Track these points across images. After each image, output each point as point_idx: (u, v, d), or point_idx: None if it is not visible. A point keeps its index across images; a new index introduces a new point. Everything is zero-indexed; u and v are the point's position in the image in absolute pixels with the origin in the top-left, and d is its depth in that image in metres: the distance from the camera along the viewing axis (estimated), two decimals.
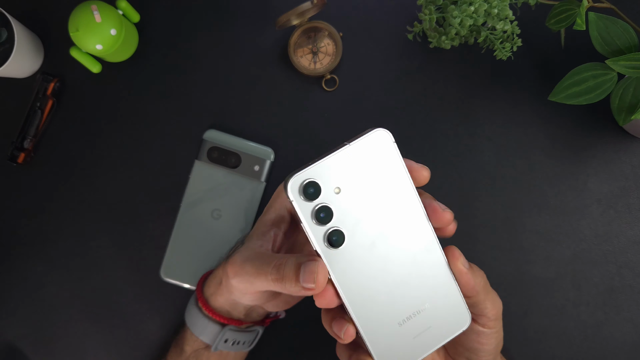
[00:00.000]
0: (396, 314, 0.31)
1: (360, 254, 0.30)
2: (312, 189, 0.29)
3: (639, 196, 0.54)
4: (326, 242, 0.30)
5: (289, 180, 0.29)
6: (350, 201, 0.30)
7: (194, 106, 0.57)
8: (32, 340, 0.55)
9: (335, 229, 0.29)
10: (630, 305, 0.54)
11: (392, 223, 0.31)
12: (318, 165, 0.29)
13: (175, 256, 0.54)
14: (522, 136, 0.56)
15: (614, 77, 0.47)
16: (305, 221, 0.29)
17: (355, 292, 0.30)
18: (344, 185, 0.29)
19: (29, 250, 0.56)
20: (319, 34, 0.55)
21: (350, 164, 0.29)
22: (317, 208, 0.29)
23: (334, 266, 0.30)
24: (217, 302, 0.43)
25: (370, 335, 0.31)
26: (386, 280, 0.31)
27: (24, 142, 0.55)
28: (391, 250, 0.31)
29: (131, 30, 0.55)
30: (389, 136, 0.30)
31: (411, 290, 0.32)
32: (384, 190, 0.30)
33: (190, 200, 0.54)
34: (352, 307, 0.30)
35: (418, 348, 0.32)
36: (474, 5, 0.47)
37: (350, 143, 0.29)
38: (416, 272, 0.32)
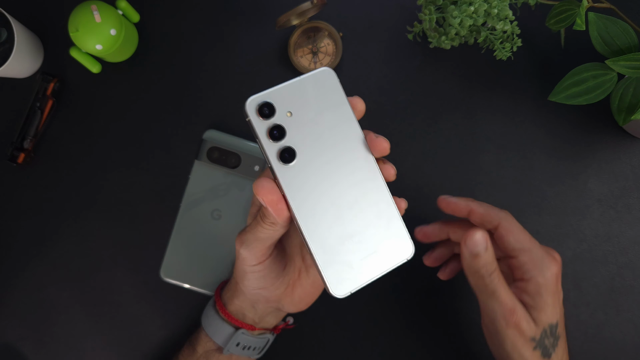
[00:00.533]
0: (343, 233, 0.34)
1: (310, 173, 0.33)
2: (267, 109, 0.32)
3: (639, 196, 0.54)
4: (279, 157, 0.33)
5: (247, 101, 0.32)
6: (301, 124, 0.33)
7: (194, 106, 0.57)
8: (32, 341, 0.55)
9: (287, 147, 0.33)
10: (630, 305, 0.53)
11: (338, 148, 0.34)
12: (273, 90, 0.33)
13: (175, 256, 0.54)
14: (522, 136, 0.56)
15: (613, 77, 0.47)
16: (261, 137, 0.33)
17: (305, 207, 0.33)
18: (295, 110, 0.33)
19: (29, 250, 0.56)
20: (319, 34, 0.55)
21: (301, 92, 0.33)
22: (272, 126, 0.33)
23: (286, 181, 0.33)
24: (234, 306, 0.45)
25: (319, 250, 0.33)
26: (334, 200, 0.34)
27: (24, 142, 0.55)
28: (338, 173, 0.34)
29: (131, 30, 0.55)
30: (334, 73, 0.34)
31: (357, 213, 0.34)
32: (330, 119, 0.34)
33: (190, 201, 0.54)
34: (301, 221, 0.33)
35: (364, 271, 0.34)
36: (474, 6, 0.47)
37: (301, 76, 0.34)
38: (361, 196, 0.34)
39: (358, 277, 0.34)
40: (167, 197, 0.56)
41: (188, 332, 0.55)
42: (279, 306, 0.43)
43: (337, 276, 0.34)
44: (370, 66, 0.56)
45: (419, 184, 0.55)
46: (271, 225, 0.35)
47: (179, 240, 0.54)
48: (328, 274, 0.33)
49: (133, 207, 0.56)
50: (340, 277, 0.34)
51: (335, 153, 0.34)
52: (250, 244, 0.37)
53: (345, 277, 0.34)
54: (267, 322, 0.47)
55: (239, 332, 0.45)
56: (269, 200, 0.33)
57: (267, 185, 0.33)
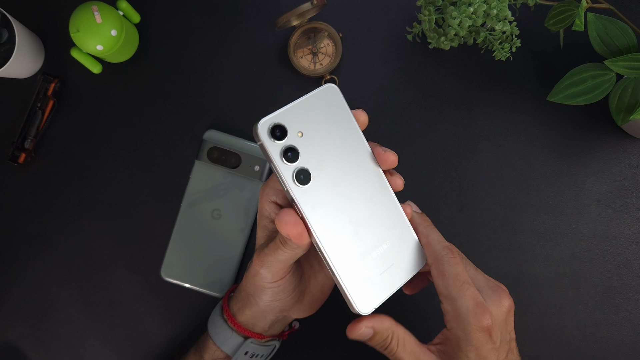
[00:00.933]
0: (362, 250, 0.34)
1: (326, 192, 0.33)
2: (279, 131, 0.32)
3: (637, 196, 0.55)
4: (295, 179, 0.32)
5: (258, 124, 0.32)
6: (313, 144, 0.33)
7: (194, 106, 0.57)
8: (32, 340, 0.55)
9: (302, 167, 0.32)
10: (628, 304, 0.54)
11: (349, 165, 0.34)
12: (282, 111, 0.32)
13: (175, 256, 0.54)
14: (521, 136, 0.56)
15: (612, 77, 0.47)
16: (275, 160, 0.32)
17: (324, 228, 0.33)
18: (305, 129, 0.33)
19: (29, 250, 0.56)
20: (319, 34, 0.55)
21: (308, 111, 0.33)
22: (285, 148, 0.32)
23: (304, 203, 0.33)
24: (244, 316, 0.44)
25: (342, 271, 0.33)
26: (350, 217, 0.34)
27: (25, 142, 0.55)
28: (351, 190, 0.34)
29: (131, 31, 0.55)
30: (338, 90, 0.34)
31: (373, 228, 0.35)
32: (338, 135, 0.34)
33: (191, 200, 0.55)
34: (323, 242, 0.33)
35: (385, 285, 0.35)
36: (473, 6, 0.47)
37: (306, 95, 0.33)
38: (375, 211, 0.35)
39: (380, 292, 0.34)
40: (168, 197, 0.56)
41: (188, 332, 0.55)
42: (289, 313, 0.43)
43: (361, 294, 0.34)
44: (369, 67, 0.56)
45: (418, 184, 0.55)
46: (292, 249, 0.35)
47: (179, 240, 0.54)
48: (353, 293, 0.33)
49: (133, 206, 0.56)
50: (364, 294, 0.34)
51: (346, 169, 0.34)
52: (271, 265, 0.37)
53: (369, 294, 0.34)
54: (275, 329, 0.46)
55: (248, 342, 0.44)
56: (294, 234, 0.33)
57: (290, 219, 0.32)
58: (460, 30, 0.48)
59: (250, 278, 0.41)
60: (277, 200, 0.39)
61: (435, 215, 0.55)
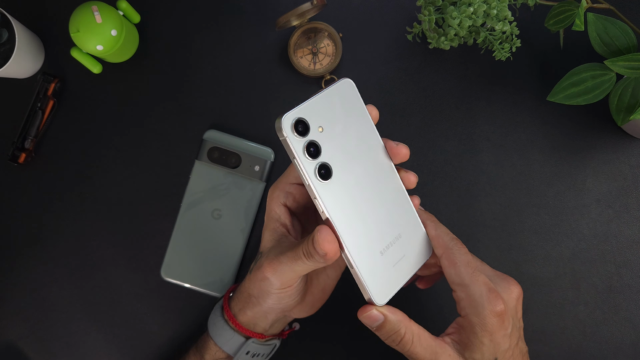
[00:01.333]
0: (379, 243, 0.35)
1: (346, 187, 0.33)
2: (302, 126, 0.32)
3: (637, 196, 0.55)
4: (317, 174, 0.32)
5: (283, 119, 0.31)
6: (332, 139, 0.33)
7: (194, 106, 0.57)
8: (32, 340, 0.55)
9: (325, 163, 0.33)
10: (628, 304, 0.54)
11: (366, 160, 0.35)
12: (303, 106, 0.32)
13: (175, 256, 0.54)
14: (521, 136, 0.56)
15: (612, 77, 0.47)
16: (298, 156, 0.32)
17: (345, 223, 0.33)
18: (325, 124, 0.33)
19: (29, 250, 0.56)
20: (319, 34, 0.55)
21: (327, 106, 0.33)
22: (308, 143, 0.32)
23: (326, 198, 0.33)
24: (245, 317, 0.44)
25: (361, 264, 0.34)
26: (368, 211, 0.34)
27: (25, 142, 0.55)
28: (369, 184, 0.34)
29: (132, 31, 0.55)
30: (353, 84, 0.34)
31: (389, 221, 0.35)
32: (355, 130, 0.34)
33: (191, 200, 0.55)
34: (343, 236, 0.33)
35: (397, 276, 0.35)
36: (473, 6, 0.47)
37: (323, 90, 0.34)
38: (390, 204, 0.35)
39: (394, 283, 0.35)
40: (168, 196, 0.56)
41: (188, 331, 0.55)
42: (290, 314, 0.43)
43: (379, 286, 0.34)
44: (369, 67, 0.56)
45: (419, 184, 0.55)
46: (316, 263, 0.35)
47: (180, 240, 0.54)
48: (371, 285, 0.34)
49: (133, 206, 0.56)
50: (381, 286, 0.34)
51: (364, 164, 0.34)
52: (284, 274, 0.37)
53: (385, 285, 0.35)
54: (275, 329, 0.47)
55: (249, 342, 0.44)
56: (332, 251, 0.33)
57: (329, 237, 0.32)
58: (460, 30, 0.48)
59: (255, 281, 0.40)
60: (288, 203, 0.39)
61: (435, 215, 0.55)
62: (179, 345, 0.55)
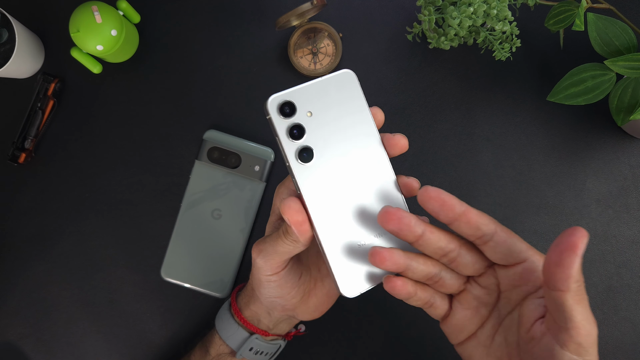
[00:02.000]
0: (358, 235, 0.34)
1: (327, 173, 0.34)
2: (288, 108, 0.33)
3: (637, 196, 0.55)
4: (297, 156, 0.33)
5: (269, 99, 0.33)
6: (320, 125, 0.34)
7: (194, 106, 0.57)
8: (32, 340, 0.55)
9: (306, 146, 0.33)
10: (628, 304, 0.54)
11: (356, 151, 0.34)
12: (294, 90, 0.33)
13: (175, 256, 0.54)
14: (521, 136, 0.56)
15: (612, 77, 0.47)
16: (281, 135, 0.33)
17: (320, 207, 0.33)
18: (315, 110, 0.34)
19: (29, 250, 0.56)
20: (319, 34, 0.55)
21: (321, 93, 0.34)
22: (292, 125, 0.33)
23: (303, 180, 0.33)
24: (249, 311, 0.45)
25: (331, 251, 0.34)
26: (349, 201, 0.34)
27: (25, 142, 0.55)
28: (354, 175, 0.34)
29: (132, 31, 0.55)
30: (354, 76, 0.34)
31: (371, 214, 0.34)
32: (350, 121, 0.34)
33: (191, 200, 0.55)
34: (316, 220, 0.33)
35: (375, 272, 0.35)
36: (473, 6, 0.47)
37: (322, 77, 0.34)
38: (376, 197, 0.35)
39: (368, 279, 0.34)
40: (168, 197, 0.56)
41: (188, 331, 0.55)
42: (294, 314, 0.43)
43: (349, 277, 0.34)
44: (369, 67, 0.56)
45: None
46: (293, 242, 0.35)
47: (180, 240, 0.54)
48: (339, 274, 0.34)
49: (133, 206, 0.56)
50: (352, 278, 0.34)
51: (353, 155, 0.34)
52: (268, 255, 0.37)
53: (356, 278, 0.34)
54: (280, 329, 0.47)
55: (252, 337, 0.45)
56: (295, 220, 0.33)
57: (294, 205, 0.33)
58: (460, 30, 0.48)
59: (252, 270, 0.41)
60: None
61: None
62: (179, 346, 0.55)
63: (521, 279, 0.32)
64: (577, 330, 0.27)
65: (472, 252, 0.33)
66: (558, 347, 0.28)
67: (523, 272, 0.32)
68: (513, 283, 0.33)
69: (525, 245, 0.32)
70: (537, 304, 0.32)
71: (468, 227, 0.32)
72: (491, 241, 0.32)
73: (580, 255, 0.27)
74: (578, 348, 0.28)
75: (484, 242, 0.32)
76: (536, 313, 0.31)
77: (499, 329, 0.35)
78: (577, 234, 0.27)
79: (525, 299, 0.33)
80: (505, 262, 0.32)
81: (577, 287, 0.27)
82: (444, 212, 0.31)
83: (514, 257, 0.32)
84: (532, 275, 0.32)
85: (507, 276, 0.33)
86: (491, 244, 0.32)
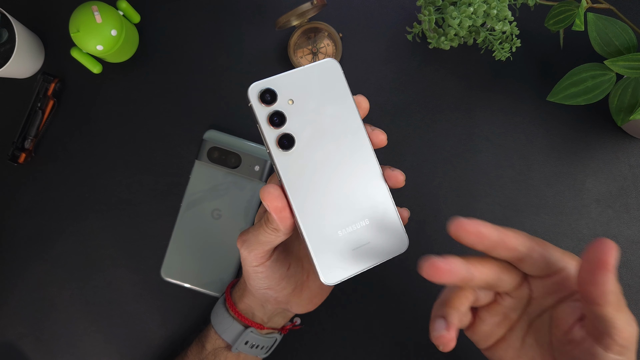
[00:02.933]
0: (338, 222, 0.34)
1: (308, 160, 0.34)
2: (269, 95, 0.33)
3: (637, 196, 0.55)
4: (277, 144, 0.33)
5: (250, 87, 0.33)
6: (302, 113, 0.34)
7: (194, 106, 0.57)
8: (32, 340, 0.55)
9: (286, 133, 0.33)
10: (629, 304, 0.54)
11: (339, 139, 0.34)
12: (276, 77, 0.34)
13: (175, 256, 0.54)
14: (521, 136, 0.56)
15: (612, 77, 0.47)
16: (261, 123, 0.33)
17: (301, 195, 0.34)
18: (297, 98, 0.34)
19: (30, 249, 0.56)
20: (319, 34, 0.55)
21: (304, 81, 0.34)
22: (272, 112, 0.33)
23: (283, 167, 0.33)
24: (243, 305, 0.45)
25: (312, 238, 0.34)
26: (331, 189, 0.34)
27: (25, 142, 0.55)
28: (337, 163, 0.34)
29: (132, 31, 0.55)
30: (338, 65, 0.34)
31: (353, 203, 0.35)
32: (332, 110, 0.34)
33: (191, 200, 0.55)
34: (296, 207, 0.33)
35: (356, 261, 0.35)
36: (473, 6, 0.47)
37: (306, 65, 0.34)
38: (358, 186, 0.35)
39: (349, 267, 0.34)
40: (168, 196, 0.56)
41: (188, 331, 0.55)
42: (288, 307, 0.43)
43: (328, 264, 0.34)
44: (369, 67, 0.56)
45: (418, 184, 0.55)
46: (274, 231, 0.35)
47: (180, 240, 0.54)
48: (319, 261, 0.34)
49: (133, 206, 0.56)
50: (332, 265, 0.34)
51: (335, 144, 0.34)
52: (251, 245, 0.37)
53: (336, 266, 0.34)
54: (275, 322, 0.47)
55: (247, 331, 0.45)
56: (274, 207, 0.33)
57: (274, 192, 0.33)
58: (460, 30, 0.48)
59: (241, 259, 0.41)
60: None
61: (435, 215, 0.55)
62: (179, 345, 0.55)
63: (556, 287, 0.32)
64: (620, 334, 0.28)
65: (509, 272, 0.33)
66: (601, 350, 0.29)
67: (559, 281, 0.32)
68: (547, 291, 0.33)
69: (559, 253, 0.32)
70: (573, 308, 0.31)
71: (506, 251, 0.31)
72: (528, 258, 0.31)
73: (613, 271, 0.26)
74: (621, 349, 0.28)
75: (521, 260, 0.32)
76: (573, 317, 0.31)
77: (529, 331, 0.34)
78: (604, 248, 0.26)
79: (559, 302, 0.32)
80: (542, 274, 0.32)
81: (615, 297, 0.27)
82: (482, 243, 0.30)
83: (550, 269, 0.32)
84: (568, 282, 0.32)
85: (541, 286, 0.33)
86: (528, 261, 0.31)
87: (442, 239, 0.55)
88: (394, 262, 0.55)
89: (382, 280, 0.55)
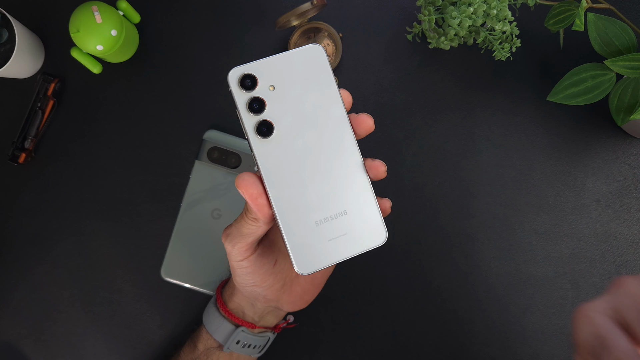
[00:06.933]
0: (315, 212, 0.34)
1: (287, 149, 0.33)
2: (249, 81, 0.32)
3: (637, 196, 0.55)
4: (256, 130, 0.33)
5: (230, 72, 0.32)
6: (283, 99, 0.33)
7: (194, 106, 0.57)
8: (32, 340, 0.55)
9: (265, 120, 0.33)
10: None
11: (320, 128, 0.34)
12: (257, 63, 0.33)
13: (175, 256, 0.54)
14: (521, 136, 0.56)
15: (612, 77, 0.47)
16: (240, 109, 0.33)
17: (277, 182, 0.33)
18: (278, 84, 0.33)
19: (30, 249, 0.56)
20: (319, 34, 0.55)
21: (286, 67, 0.33)
22: (252, 98, 0.32)
23: (261, 155, 0.33)
24: (233, 303, 0.45)
25: (287, 227, 0.33)
26: (310, 178, 0.34)
27: (25, 142, 0.55)
28: (317, 152, 0.34)
29: (132, 31, 0.55)
30: (322, 51, 0.34)
31: (332, 193, 0.34)
32: (315, 97, 0.33)
33: (191, 200, 0.55)
34: (273, 195, 0.33)
35: (332, 252, 0.34)
36: (473, 6, 0.47)
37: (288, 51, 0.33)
38: (338, 177, 0.34)
39: (325, 257, 0.34)
40: (168, 196, 0.56)
41: (188, 331, 0.55)
42: (278, 305, 0.43)
43: (304, 254, 0.33)
44: (369, 66, 0.57)
45: (418, 184, 0.55)
46: (253, 221, 0.35)
47: (180, 240, 0.54)
48: (294, 250, 0.33)
49: (133, 206, 0.56)
50: (307, 255, 0.34)
51: (316, 132, 0.34)
52: (234, 239, 0.37)
53: (312, 256, 0.34)
54: (267, 321, 0.47)
55: (238, 330, 0.45)
56: (250, 194, 0.32)
57: (249, 179, 0.32)
58: (460, 30, 0.48)
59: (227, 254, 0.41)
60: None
61: (435, 215, 0.55)
62: (179, 345, 0.55)
63: None
64: None
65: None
66: None
67: None
68: None
69: None
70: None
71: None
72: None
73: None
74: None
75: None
76: None
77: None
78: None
79: None
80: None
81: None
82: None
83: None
84: None
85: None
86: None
87: (443, 238, 0.55)
88: (394, 261, 0.55)
89: (382, 280, 0.55)
